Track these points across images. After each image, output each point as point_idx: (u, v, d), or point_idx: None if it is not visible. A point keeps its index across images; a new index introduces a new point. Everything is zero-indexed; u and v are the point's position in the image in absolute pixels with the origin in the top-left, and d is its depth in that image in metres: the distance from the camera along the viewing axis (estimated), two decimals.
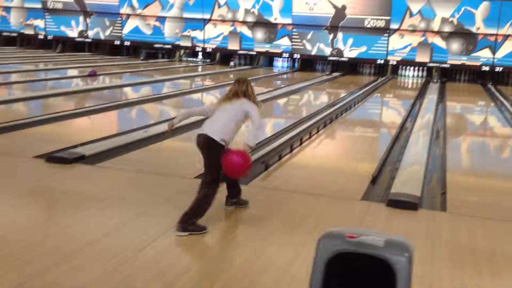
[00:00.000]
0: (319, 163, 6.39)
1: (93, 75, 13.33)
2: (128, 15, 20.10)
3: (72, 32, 20.97)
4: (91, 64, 16.63)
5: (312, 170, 5.94)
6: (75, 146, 6.07)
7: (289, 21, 18.23)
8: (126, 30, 20.25)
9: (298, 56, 18.51)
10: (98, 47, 21.27)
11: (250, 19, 18.70)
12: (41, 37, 21.41)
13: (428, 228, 4.22)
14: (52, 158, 5.53)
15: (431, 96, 12.89)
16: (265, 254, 3.60)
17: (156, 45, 20.02)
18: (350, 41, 17.80)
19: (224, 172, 4.12)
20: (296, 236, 3.95)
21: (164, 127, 7.62)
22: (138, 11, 19.90)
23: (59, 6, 20.79)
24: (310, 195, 4.88)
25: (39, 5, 20.95)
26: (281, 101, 11.98)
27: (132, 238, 3.72)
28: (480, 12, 16.53)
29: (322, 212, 4.48)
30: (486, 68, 16.80)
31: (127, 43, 20.40)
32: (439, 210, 4.76)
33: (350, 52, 17.88)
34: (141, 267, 3.29)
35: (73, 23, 20.87)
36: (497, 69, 16.73)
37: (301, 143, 7.07)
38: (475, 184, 5.79)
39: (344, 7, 17.58)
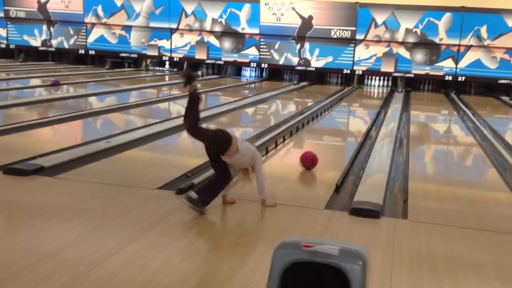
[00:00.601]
0: (285, 172, 6.39)
1: (56, 84, 13.10)
2: (93, 24, 19.87)
3: (35, 41, 20.62)
4: (54, 73, 16.35)
5: (277, 180, 5.92)
6: (35, 157, 5.93)
7: (256, 31, 18.31)
8: (91, 39, 20.02)
9: (266, 65, 18.59)
10: (62, 56, 20.96)
11: (217, 28, 18.71)
12: (3, 46, 20.97)
13: (389, 236, 4.25)
14: (10, 170, 5.38)
15: (396, 105, 13.09)
16: (228, 265, 3.57)
17: (122, 54, 19.84)
18: (317, 51, 17.97)
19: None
20: (259, 246, 3.93)
21: (129, 136, 7.59)
22: (103, 20, 19.71)
23: (21, 14, 20.43)
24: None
25: (1, 14, 20.54)
26: (249, 110, 11.99)
27: (90, 251, 3.64)
28: (443, 23, 16.90)
29: (286, 222, 4.47)
30: (449, 78, 17.16)
31: (92, 52, 20.16)
32: (401, 217, 4.80)
33: (317, 62, 18.06)
34: (97, 282, 3.21)
35: (36, 32, 20.53)
36: (460, 78, 17.11)
37: (267, 152, 7.07)
38: (436, 191, 5.87)
39: (310, 18, 17.76)
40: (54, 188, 5.07)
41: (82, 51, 20.25)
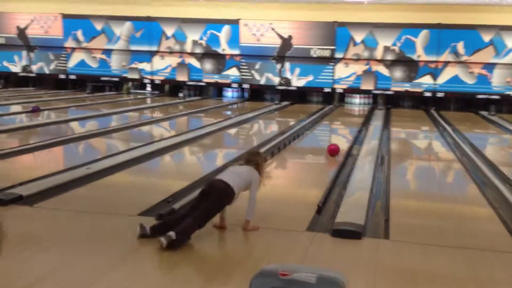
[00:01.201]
0: (266, 193, 6.32)
1: (36, 110, 13.00)
2: (73, 49, 19.84)
3: (15, 67, 20.51)
4: (35, 99, 16.25)
5: (258, 201, 5.91)
6: (14, 186, 5.85)
7: (237, 51, 18.42)
8: (71, 63, 19.96)
9: (247, 86, 18.67)
10: (43, 81, 20.83)
11: (198, 50, 18.79)
12: None
13: (371, 257, 4.25)
14: None
15: (376, 123, 13.19)
16: None
17: (103, 78, 19.79)
18: (297, 70, 18.12)
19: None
20: (238, 273, 3.89)
21: (110, 161, 7.54)
22: (84, 45, 19.69)
23: (1, 41, 20.33)
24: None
25: None
26: (231, 131, 12.00)
27: (69, 281, 3.58)
28: (420, 40, 17.17)
29: (265, 246, 4.44)
30: (428, 94, 17.39)
31: (72, 77, 20.08)
32: (383, 237, 4.80)
33: (297, 81, 18.19)
34: None
35: (16, 58, 20.42)
36: (439, 94, 17.34)
37: None
38: (417, 208, 5.90)
39: (290, 37, 17.93)
40: (32, 218, 4.99)
41: (62, 76, 20.16)
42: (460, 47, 16.95)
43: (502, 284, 3.84)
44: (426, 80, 17.32)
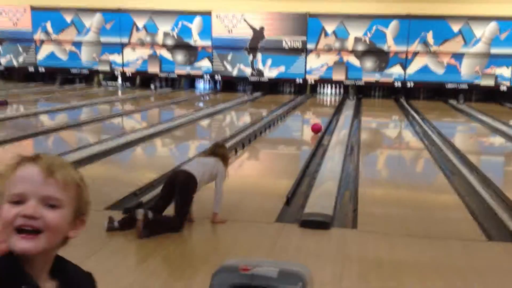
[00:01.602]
0: (235, 185, 6.36)
1: (3, 104, 12.76)
2: (42, 41, 19.49)
3: None
4: (3, 91, 15.94)
5: (227, 193, 5.90)
6: None
7: (208, 43, 18.33)
8: (41, 56, 19.61)
9: (219, 77, 18.61)
10: (12, 74, 20.44)
11: (169, 42, 18.64)
12: None
13: (338, 247, 4.30)
14: None
15: (347, 113, 13.30)
16: None
17: (73, 71, 19.51)
18: (269, 61, 18.12)
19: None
20: (204, 267, 3.88)
21: (79, 154, 7.45)
22: (53, 37, 19.35)
23: None
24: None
25: None
26: (203, 123, 11.97)
27: None
28: (390, 31, 17.32)
29: (234, 239, 4.46)
30: (398, 84, 17.58)
31: (42, 70, 19.74)
32: (350, 227, 4.87)
33: (270, 72, 18.20)
34: None
35: None
36: (409, 84, 17.54)
37: None
38: (385, 198, 5.99)
39: (262, 29, 17.91)
40: None
41: (32, 69, 19.81)
42: (430, 37, 17.17)
43: (464, 271, 3.93)
44: (396, 70, 17.51)
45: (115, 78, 19.82)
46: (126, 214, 4.65)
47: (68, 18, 19.10)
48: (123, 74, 19.27)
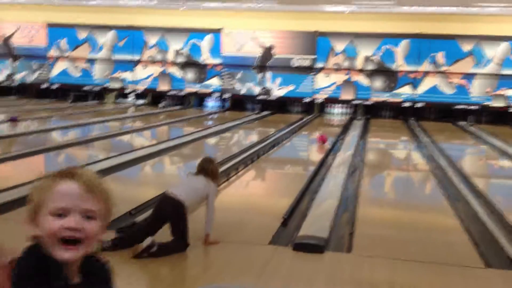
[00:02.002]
0: (234, 203, 6.40)
1: (14, 120, 12.90)
2: (57, 58, 19.76)
3: None
4: (16, 108, 16.16)
5: (224, 211, 5.89)
6: None
7: (218, 61, 18.45)
8: (54, 72, 19.87)
9: (228, 95, 18.69)
10: (25, 91, 20.71)
11: (180, 60, 18.80)
12: None
13: (331, 271, 4.25)
14: None
15: (354, 133, 13.26)
16: None
17: (85, 88, 19.72)
18: (278, 80, 18.18)
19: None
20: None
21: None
22: (67, 54, 19.62)
23: None
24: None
25: None
26: (210, 140, 12.03)
27: None
28: (400, 50, 17.31)
29: (226, 261, 4.41)
30: (408, 104, 17.50)
31: (55, 86, 19.98)
32: (345, 251, 4.82)
33: (278, 91, 18.24)
34: None
35: (0, 66, 20.31)
36: (418, 105, 17.46)
37: (228, 179, 7.09)
38: (383, 220, 5.92)
39: (271, 47, 18.00)
40: None
41: (45, 85, 20.06)
42: (440, 57, 17.12)
43: None
44: (406, 90, 17.46)
45: (126, 96, 20.00)
46: (119, 233, 4.65)
47: (82, 35, 19.36)
48: (134, 91, 19.43)
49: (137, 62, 19.17)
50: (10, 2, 19.37)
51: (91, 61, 19.57)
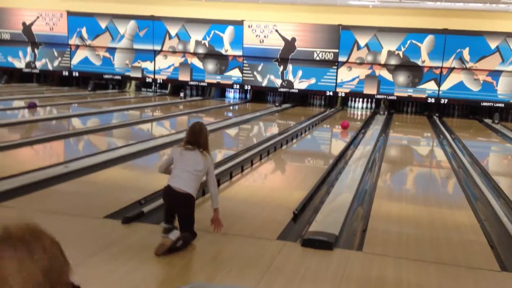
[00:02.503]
0: (247, 196, 6.24)
1: (32, 106, 12.92)
2: (77, 46, 19.79)
3: (20, 63, 20.51)
4: (37, 95, 16.23)
5: (236, 204, 5.76)
6: None
7: (239, 53, 18.26)
8: (75, 61, 19.91)
9: (249, 87, 18.51)
10: (46, 78, 20.85)
11: (201, 50, 18.66)
12: None
13: (338, 269, 4.05)
14: None
15: (376, 127, 12.98)
16: None
17: (106, 76, 19.73)
18: (300, 73, 17.93)
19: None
20: (197, 280, 3.73)
21: (92, 160, 7.40)
22: (88, 42, 19.63)
23: (6, 36, 20.33)
24: (223, 235, 4.64)
25: None
26: (229, 131, 11.91)
27: None
28: (425, 45, 16.90)
29: (231, 254, 4.25)
30: (432, 100, 17.11)
31: (75, 74, 20.04)
32: (356, 248, 4.61)
33: (300, 84, 18.00)
34: None
35: (20, 53, 20.42)
36: (442, 101, 17.06)
37: (231, 177, 6.91)
38: (398, 217, 5.69)
39: (293, 40, 17.74)
40: None
41: (66, 73, 20.13)
42: (466, 53, 16.66)
43: None
44: (430, 86, 17.06)
45: (146, 85, 19.96)
46: (126, 223, 4.52)
47: (103, 24, 19.35)
48: (154, 81, 19.38)
49: (158, 52, 19.08)
50: None
51: (112, 50, 19.54)
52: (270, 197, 6.24)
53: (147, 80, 19.45)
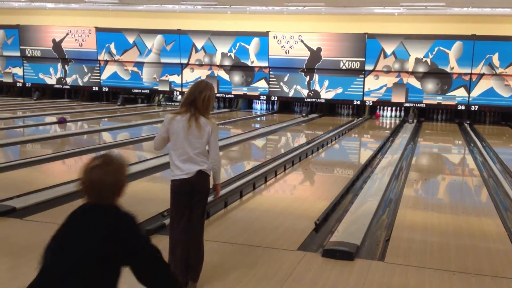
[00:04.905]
0: (271, 206, 6.21)
1: (62, 122, 13.15)
2: (106, 61, 20.14)
3: (51, 79, 20.97)
4: (68, 110, 16.54)
5: (259, 214, 5.73)
6: (12, 198, 5.82)
7: (265, 64, 18.30)
8: (104, 76, 20.26)
9: (276, 98, 18.50)
10: (77, 93, 21.26)
11: (227, 62, 18.77)
12: (19, 84, 21.38)
13: (358, 280, 3.98)
14: None
15: (404, 135, 12.80)
16: None
17: (135, 90, 20.01)
18: (326, 82, 17.85)
19: None
20: None
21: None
22: (116, 57, 19.96)
23: (37, 53, 20.83)
24: (245, 246, 4.61)
25: (17, 53, 20.98)
26: (257, 142, 11.92)
27: None
28: (453, 52, 16.64)
29: (250, 265, 4.20)
30: (462, 107, 16.81)
31: (105, 89, 20.38)
32: (378, 258, 4.53)
33: (326, 94, 17.91)
34: None
35: (51, 70, 20.89)
36: (473, 108, 16.74)
37: (254, 188, 6.88)
38: (424, 226, 5.55)
39: (319, 49, 17.69)
40: (18, 231, 4.93)
41: (96, 88, 20.49)
42: (495, 59, 16.34)
43: None
44: (460, 92, 16.77)
45: (174, 98, 20.14)
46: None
47: (131, 39, 19.65)
48: (181, 94, 19.55)
49: (185, 65, 19.26)
50: (61, 8, 19.87)
51: (140, 64, 19.81)
52: (293, 207, 6.18)
53: (175, 93, 19.63)
